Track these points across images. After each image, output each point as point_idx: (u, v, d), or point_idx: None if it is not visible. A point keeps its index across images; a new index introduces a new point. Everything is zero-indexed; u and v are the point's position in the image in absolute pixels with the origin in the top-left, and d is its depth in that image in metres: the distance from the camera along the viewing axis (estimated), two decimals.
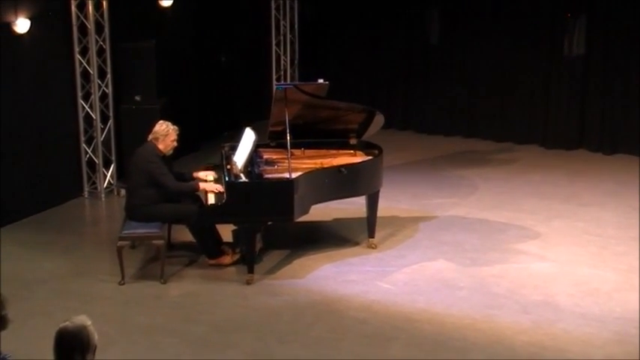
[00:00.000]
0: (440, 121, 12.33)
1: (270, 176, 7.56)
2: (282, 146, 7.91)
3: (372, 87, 12.65)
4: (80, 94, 9.42)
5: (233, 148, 7.87)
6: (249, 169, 7.58)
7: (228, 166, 7.64)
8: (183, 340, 6.31)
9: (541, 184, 10.03)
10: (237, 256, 7.67)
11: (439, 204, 9.30)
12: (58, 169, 9.31)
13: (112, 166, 9.74)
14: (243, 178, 7.37)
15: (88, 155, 9.59)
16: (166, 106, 9.58)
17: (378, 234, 8.10)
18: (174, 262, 7.64)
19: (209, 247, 7.64)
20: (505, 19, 11.62)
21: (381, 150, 8.06)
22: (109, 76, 9.54)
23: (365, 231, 8.07)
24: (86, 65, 9.38)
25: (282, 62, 12.93)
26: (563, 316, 6.65)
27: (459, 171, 10.60)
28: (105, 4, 9.36)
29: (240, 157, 7.53)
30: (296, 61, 13.00)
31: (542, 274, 7.47)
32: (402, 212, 9.00)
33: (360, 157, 8.03)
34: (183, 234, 7.83)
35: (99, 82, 9.47)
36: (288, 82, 12.50)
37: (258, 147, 7.86)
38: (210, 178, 7.70)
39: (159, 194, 7.32)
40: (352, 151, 8.17)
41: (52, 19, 9.03)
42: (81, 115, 9.47)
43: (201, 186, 7.51)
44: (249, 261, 7.33)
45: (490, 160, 11.18)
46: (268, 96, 10.24)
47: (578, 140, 11.48)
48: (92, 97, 9.48)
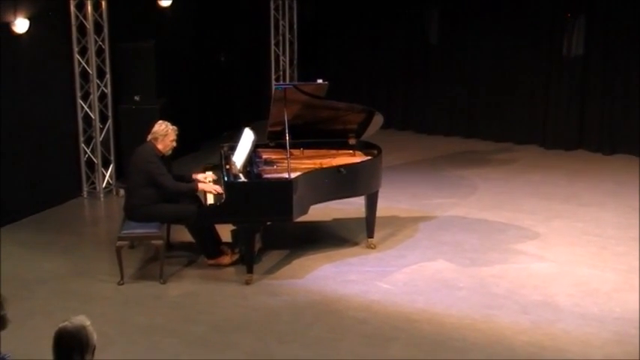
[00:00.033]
0: (439, 121, 12.34)
1: (269, 176, 7.55)
2: (281, 146, 7.90)
3: (372, 87, 12.66)
4: (79, 94, 9.41)
5: (232, 148, 7.87)
6: (249, 169, 7.58)
7: (228, 166, 7.63)
8: (182, 340, 6.30)
9: (541, 185, 10.03)
10: (236, 256, 7.66)
11: (439, 204, 9.30)
12: (58, 169, 9.30)
13: (111, 166, 9.74)
14: (243, 178, 7.36)
15: (87, 155, 9.59)
16: (166, 106, 9.58)
17: (378, 234, 8.10)
18: (173, 262, 7.64)
19: (208, 247, 7.63)
20: (505, 19, 11.62)
21: (380, 150, 8.05)
22: (108, 76, 9.53)
23: (364, 231, 8.06)
24: (85, 65, 9.37)
25: (282, 62, 12.93)
26: (563, 316, 6.65)
27: (459, 171, 10.60)
28: (104, 4, 9.36)
29: (240, 157, 7.53)
30: (295, 61, 13.00)
31: (542, 274, 7.47)
32: (401, 212, 9.00)
33: (359, 157, 8.03)
34: (183, 234, 7.82)
35: (98, 82, 9.46)
36: (288, 82, 12.52)
37: (257, 147, 7.86)
38: (209, 179, 7.70)
39: (158, 194, 7.31)
40: (351, 151, 8.16)
41: (51, 19, 9.02)
42: (80, 115, 9.46)
43: (200, 187, 7.50)
44: (249, 261, 7.32)
45: (490, 160, 11.18)
46: (267, 96, 10.25)
47: (577, 140, 11.48)
48: (91, 97, 9.48)
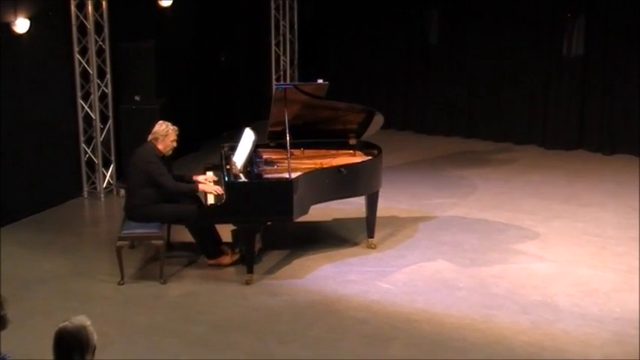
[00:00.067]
0: (439, 121, 12.34)
1: (269, 176, 7.55)
2: (281, 146, 7.90)
3: (372, 87, 12.66)
4: (80, 94, 9.42)
5: (232, 148, 7.87)
6: (249, 169, 7.58)
7: (228, 166, 7.64)
8: (182, 340, 6.31)
9: (540, 185, 10.03)
10: (236, 256, 7.67)
11: (438, 204, 9.30)
12: (58, 169, 9.31)
13: (112, 166, 9.74)
14: (243, 178, 7.37)
15: (87, 155, 9.59)
16: (166, 106, 9.58)
17: (378, 234, 8.10)
18: (173, 262, 7.64)
19: (208, 247, 7.63)
20: (505, 19, 11.63)
21: (380, 150, 8.06)
22: (109, 76, 9.54)
23: (364, 231, 8.07)
24: (86, 65, 9.38)
25: (282, 62, 12.94)
26: (563, 316, 6.65)
27: (459, 171, 10.60)
28: (104, 4, 9.36)
29: (240, 157, 7.53)
30: (296, 61, 13.00)
31: (542, 274, 7.47)
32: (401, 212, 9.00)
33: (359, 157, 8.03)
34: (183, 234, 7.82)
35: (98, 82, 9.46)
36: (288, 82, 12.52)
37: (257, 147, 7.86)
38: (210, 180, 7.70)
39: (158, 194, 7.31)
40: (352, 151, 8.16)
41: (52, 19, 9.03)
42: (80, 115, 9.47)
43: (201, 187, 7.49)
44: (249, 261, 7.33)
45: (489, 160, 11.18)
46: (268, 96, 10.26)
47: (577, 140, 11.49)
48: (92, 97, 9.48)
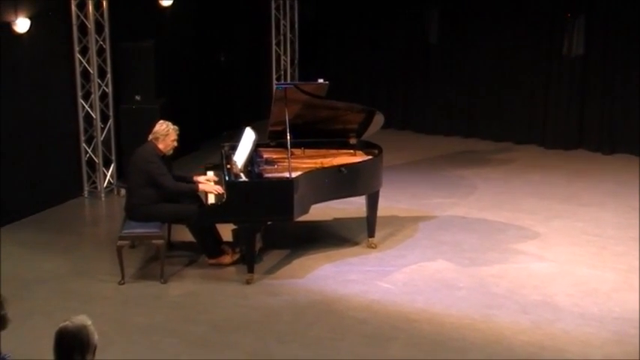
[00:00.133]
0: (439, 120, 12.34)
1: (270, 176, 7.56)
2: (282, 146, 7.91)
3: (372, 87, 12.67)
4: (80, 94, 9.42)
5: (233, 148, 7.87)
6: (249, 169, 7.58)
7: (228, 166, 7.64)
8: (182, 339, 6.31)
9: (540, 184, 10.04)
10: (237, 255, 7.67)
11: (438, 204, 9.31)
12: (58, 169, 9.31)
13: (112, 165, 9.75)
14: (243, 178, 7.37)
15: (87, 155, 9.60)
16: (166, 105, 9.59)
17: (378, 234, 8.10)
18: (174, 261, 7.64)
19: (209, 247, 7.64)
20: (505, 19, 11.63)
21: (380, 150, 8.06)
22: (109, 75, 9.54)
23: (365, 231, 8.07)
24: (86, 65, 9.38)
25: (282, 62, 12.94)
26: (562, 316, 6.65)
27: (459, 171, 10.60)
28: (105, 3, 9.36)
29: (240, 156, 7.54)
30: (296, 61, 13.00)
31: (542, 274, 7.48)
32: (401, 212, 9.01)
33: (359, 157, 8.03)
34: (183, 234, 7.82)
35: (99, 81, 9.47)
36: (288, 81, 12.51)
37: (258, 146, 7.86)
38: (211, 180, 7.70)
39: (158, 194, 7.31)
40: (352, 151, 8.17)
41: (52, 18, 9.03)
42: (81, 114, 9.47)
43: (201, 187, 7.50)
44: (249, 260, 7.33)
45: (489, 160, 11.18)
46: (268, 96, 10.25)
47: (577, 140, 11.49)
48: (92, 96, 9.48)
